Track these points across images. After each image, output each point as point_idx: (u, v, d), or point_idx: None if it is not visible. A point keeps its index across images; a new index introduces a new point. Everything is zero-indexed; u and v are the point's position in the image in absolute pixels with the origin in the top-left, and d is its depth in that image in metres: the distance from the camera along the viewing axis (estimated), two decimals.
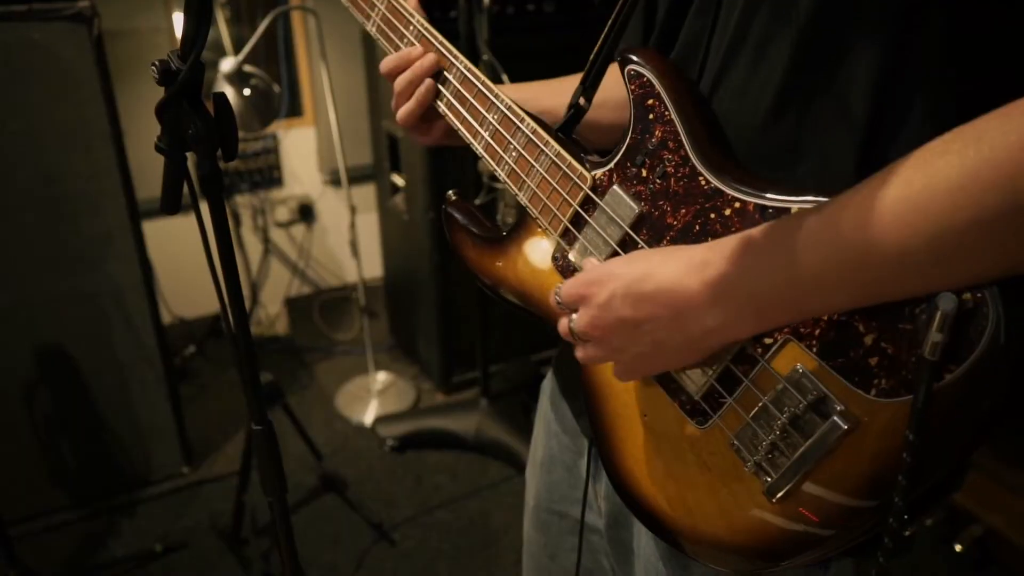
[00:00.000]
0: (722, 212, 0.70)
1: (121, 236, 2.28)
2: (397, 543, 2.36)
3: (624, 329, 0.69)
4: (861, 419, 0.61)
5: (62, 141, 2.13)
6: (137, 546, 2.32)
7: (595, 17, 2.80)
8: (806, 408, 0.64)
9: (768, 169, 0.71)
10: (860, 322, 0.60)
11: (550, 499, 1.08)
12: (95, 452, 2.45)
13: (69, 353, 2.32)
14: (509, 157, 0.89)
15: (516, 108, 0.88)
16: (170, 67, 0.79)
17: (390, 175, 3.05)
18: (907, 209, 0.53)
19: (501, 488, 2.60)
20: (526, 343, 3.14)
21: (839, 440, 0.62)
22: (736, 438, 0.70)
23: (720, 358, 0.70)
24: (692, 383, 0.73)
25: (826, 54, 0.65)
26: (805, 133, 0.68)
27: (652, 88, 0.75)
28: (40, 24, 1.99)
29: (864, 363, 0.61)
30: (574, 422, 1.02)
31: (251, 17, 3.14)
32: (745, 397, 0.69)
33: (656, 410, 0.78)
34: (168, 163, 0.88)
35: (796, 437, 0.65)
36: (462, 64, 0.94)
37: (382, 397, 3.03)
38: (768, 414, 0.67)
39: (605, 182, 0.80)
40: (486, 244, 0.96)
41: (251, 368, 0.92)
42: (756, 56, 0.70)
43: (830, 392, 0.63)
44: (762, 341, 0.67)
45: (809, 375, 0.64)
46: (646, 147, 0.76)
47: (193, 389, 3.08)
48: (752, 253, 0.62)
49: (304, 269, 3.63)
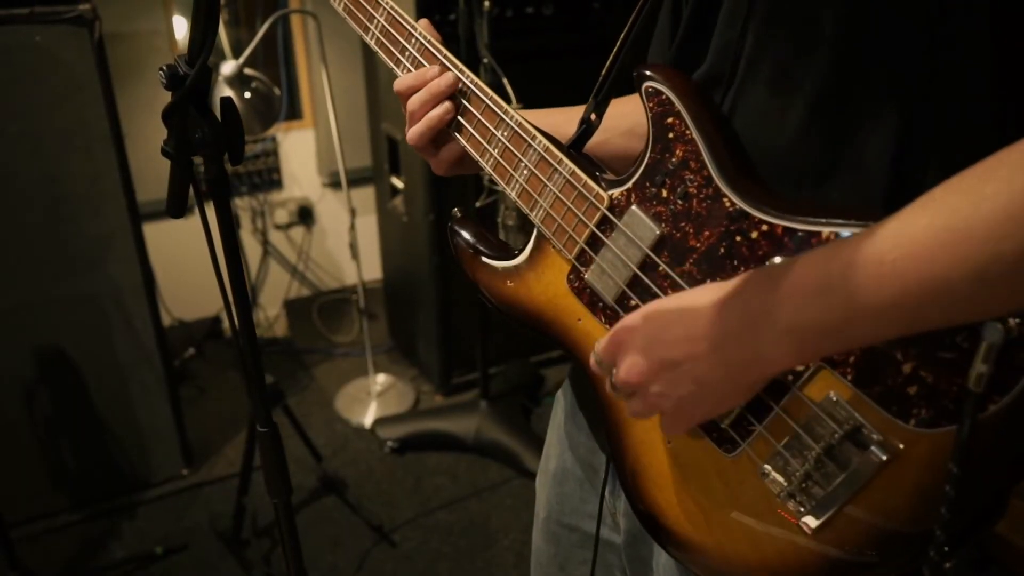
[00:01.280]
0: (748, 235, 0.68)
1: (121, 238, 2.29)
2: (397, 544, 2.37)
3: (663, 372, 0.66)
4: (900, 450, 0.60)
5: (63, 143, 2.14)
6: (137, 548, 2.32)
7: (594, 21, 2.81)
8: (842, 438, 0.63)
9: (795, 189, 0.69)
10: (897, 350, 0.59)
11: (561, 512, 1.07)
12: (95, 454, 2.45)
13: (69, 355, 2.32)
14: (520, 176, 0.86)
15: (526, 124, 0.85)
16: (177, 72, 0.80)
17: (389, 177, 3.05)
18: (954, 238, 0.52)
19: (501, 490, 2.61)
20: (525, 345, 3.14)
21: (877, 471, 0.61)
22: (766, 467, 0.69)
23: None
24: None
25: (859, 70, 0.64)
26: (835, 152, 0.67)
27: (671, 106, 0.73)
28: (42, 27, 1.99)
29: (902, 392, 0.59)
30: (590, 437, 1.00)
31: (250, 20, 3.15)
32: (775, 425, 0.68)
33: (681, 437, 0.76)
34: (174, 167, 0.88)
35: (831, 467, 0.64)
36: (468, 79, 0.90)
37: (382, 399, 3.03)
38: (801, 443, 0.66)
39: (623, 202, 0.77)
40: (496, 264, 0.94)
41: (257, 371, 0.93)
42: (783, 72, 0.68)
43: (867, 421, 0.61)
44: (793, 368, 0.65)
45: (844, 403, 0.62)
46: (666, 167, 0.74)
47: (193, 391, 3.08)
48: (791, 284, 0.59)
49: (303, 271, 3.63)
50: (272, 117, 2.64)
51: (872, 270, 0.55)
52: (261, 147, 3.30)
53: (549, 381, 3.17)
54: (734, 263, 0.69)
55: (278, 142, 3.34)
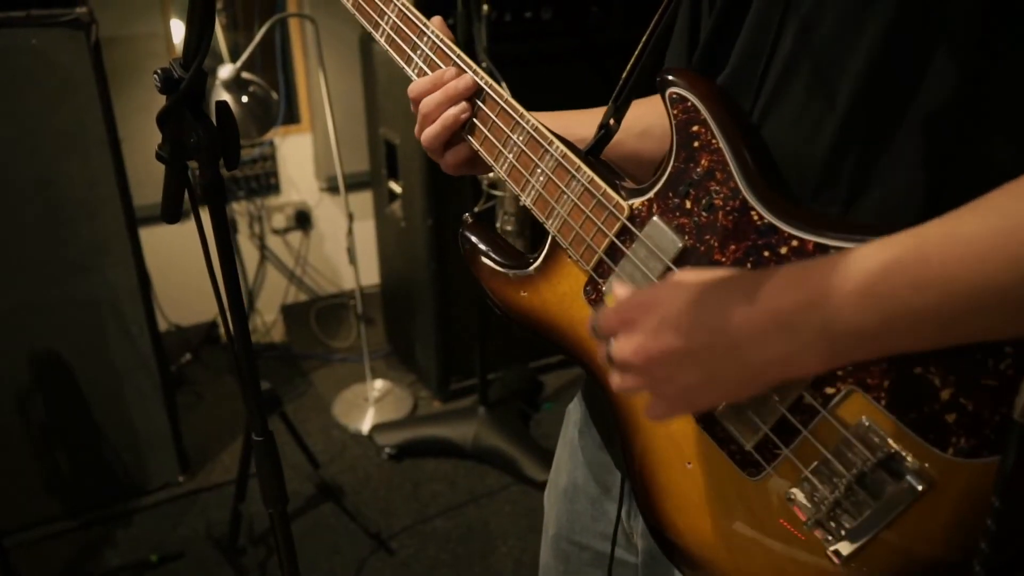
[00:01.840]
0: (777, 250, 0.65)
1: (118, 243, 2.27)
2: (395, 552, 2.35)
3: (674, 359, 0.63)
4: (937, 480, 0.57)
5: (59, 147, 2.12)
6: (133, 556, 2.30)
7: (592, 25, 2.80)
8: (875, 465, 0.60)
9: (826, 203, 0.67)
10: (936, 375, 0.56)
11: (571, 529, 1.04)
12: (90, 461, 2.43)
13: (64, 360, 2.31)
14: (536, 182, 0.83)
15: (543, 129, 0.82)
16: (172, 75, 0.79)
17: (387, 182, 3.04)
18: (1008, 241, 0.49)
19: (500, 496, 2.59)
20: (524, 350, 3.13)
21: (912, 501, 0.59)
22: (793, 492, 0.66)
23: (774, 408, 0.65)
24: (744, 432, 0.68)
25: (902, 72, 0.61)
26: (872, 163, 0.64)
27: (697, 113, 0.70)
28: (38, 30, 1.98)
29: (940, 419, 0.56)
30: (603, 454, 0.97)
31: (248, 24, 3.13)
32: (803, 449, 0.65)
33: (702, 459, 0.73)
34: (169, 172, 0.87)
35: (863, 496, 0.61)
36: (483, 81, 0.87)
37: (379, 405, 3.01)
38: (830, 469, 0.63)
39: (644, 213, 0.74)
40: (509, 272, 0.90)
41: (252, 379, 0.91)
42: (818, 77, 0.65)
43: (901, 449, 0.59)
44: (823, 391, 0.62)
45: (877, 429, 0.60)
46: (690, 177, 0.71)
47: (189, 397, 3.06)
48: (830, 283, 0.56)
49: (301, 276, 3.62)
50: (269, 121, 2.63)
51: (918, 271, 0.53)
52: (259, 151, 3.28)
53: (548, 387, 3.15)
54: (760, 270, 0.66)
55: (276, 146, 3.33)
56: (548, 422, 2.93)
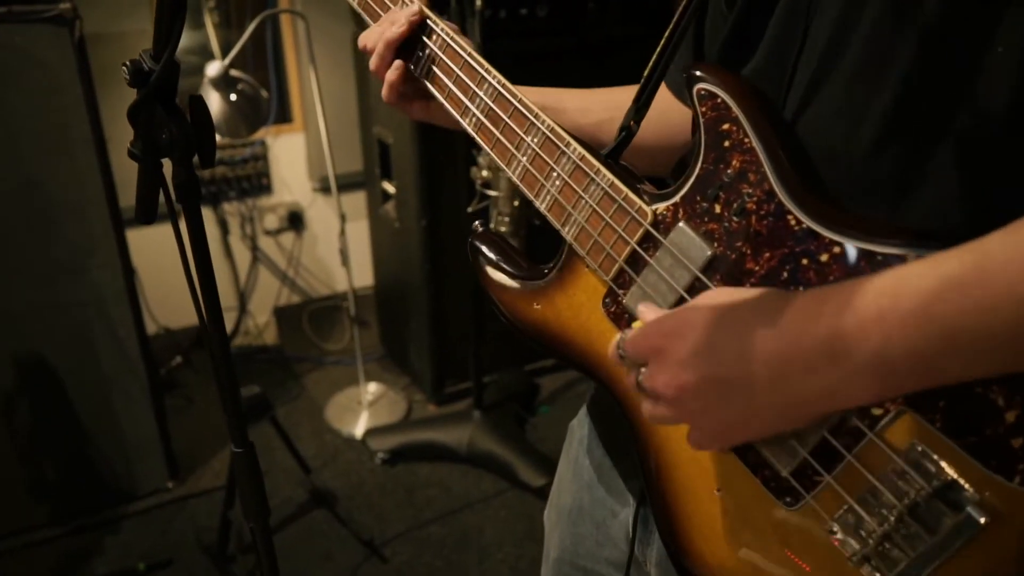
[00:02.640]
0: (817, 257, 0.60)
1: (104, 244, 2.23)
2: (388, 559, 2.31)
3: (710, 390, 0.58)
4: (1002, 512, 0.52)
5: (44, 146, 2.08)
6: (120, 563, 2.26)
7: (588, 22, 2.76)
8: (929, 496, 0.54)
9: (867, 207, 0.61)
10: (999, 393, 0.51)
11: (575, 553, 0.99)
12: (77, 467, 2.39)
13: (50, 364, 2.27)
14: (552, 187, 0.78)
15: (559, 130, 0.78)
16: (142, 67, 0.74)
17: (381, 182, 3.00)
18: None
19: (495, 501, 2.55)
20: (520, 353, 3.08)
21: (973, 536, 0.53)
22: (835, 524, 0.60)
23: (815, 428, 0.60)
24: (780, 457, 0.63)
25: (956, 62, 0.56)
26: (919, 164, 0.59)
27: (728, 111, 0.65)
28: (20, 26, 1.94)
29: (1005, 443, 0.51)
30: (612, 476, 0.92)
31: (240, 22, 3.09)
32: (847, 476, 0.59)
33: (733, 485, 0.67)
34: (142, 170, 0.83)
35: (916, 529, 0.55)
36: (495, 80, 0.84)
37: (373, 408, 2.97)
38: (878, 499, 0.57)
39: (669, 218, 0.69)
40: (522, 284, 0.85)
41: (231, 387, 0.87)
42: (861, 69, 0.60)
43: (960, 477, 0.53)
44: (870, 411, 0.57)
45: (931, 455, 0.54)
46: (720, 179, 0.66)
47: (179, 401, 3.02)
48: (880, 307, 0.52)
49: (293, 278, 3.58)
50: (259, 120, 2.59)
51: (979, 291, 0.48)
52: (250, 151, 3.24)
53: (544, 390, 3.12)
54: (799, 290, 0.60)
55: (268, 146, 3.29)
56: (544, 426, 2.89)
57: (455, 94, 0.89)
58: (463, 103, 0.88)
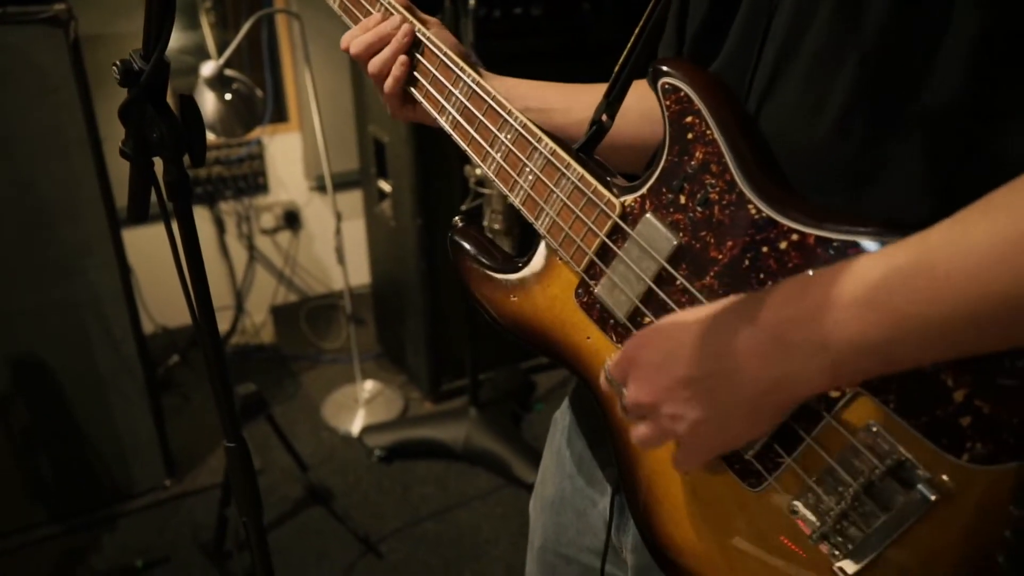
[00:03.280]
0: (776, 245, 0.62)
1: (100, 244, 2.24)
2: (384, 556, 2.32)
3: (680, 390, 0.61)
4: (952, 489, 0.54)
5: (39, 147, 2.09)
6: (118, 561, 2.27)
7: (583, 22, 2.77)
8: (883, 474, 0.57)
9: (825, 195, 0.63)
10: (949, 375, 0.53)
11: (557, 542, 1.01)
12: (75, 465, 2.40)
13: (48, 364, 2.27)
14: (525, 182, 0.81)
15: (532, 126, 0.80)
16: (132, 67, 0.76)
17: (377, 181, 3.01)
18: (1018, 250, 0.47)
19: (491, 499, 2.56)
20: (516, 351, 3.09)
21: (925, 512, 0.55)
22: (796, 503, 0.63)
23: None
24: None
25: (908, 54, 0.57)
26: (874, 152, 0.60)
27: (691, 104, 0.67)
28: (15, 27, 1.95)
29: (954, 423, 0.53)
30: (591, 465, 0.94)
31: (236, 22, 3.10)
32: (807, 457, 0.61)
33: (699, 468, 0.70)
34: (134, 169, 0.84)
35: (871, 506, 0.58)
36: (470, 78, 0.86)
37: (369, 406, 2.98)
38: (836, 478, 0.60)
39: (636, 210, 0.71)
40: (499, 277, 0.87)
41: (223, 380, 0.89)
42: (818, 61, 0.62)
43: (912, 456, 0.55)
44: (827, 394, 0.59)
45: (885, 435, 0.56)
46: (684, 171, 0.68)
47: (176, 400, 3.03)
48: (830, 295, 0.54)
49: (290, 276, 3.59)
50: (254, 119, 2.59)
51: (924, 283, 0.50)
52: (246, 150, 3.25)
53: (540, 387, 3.13)
54: (760, 276, 0.63)
55: (264, 145, 3.30)
56: (540, 423, 2.90)
57: (432, 94, 0.91)
58: (439, 102, 0.90)
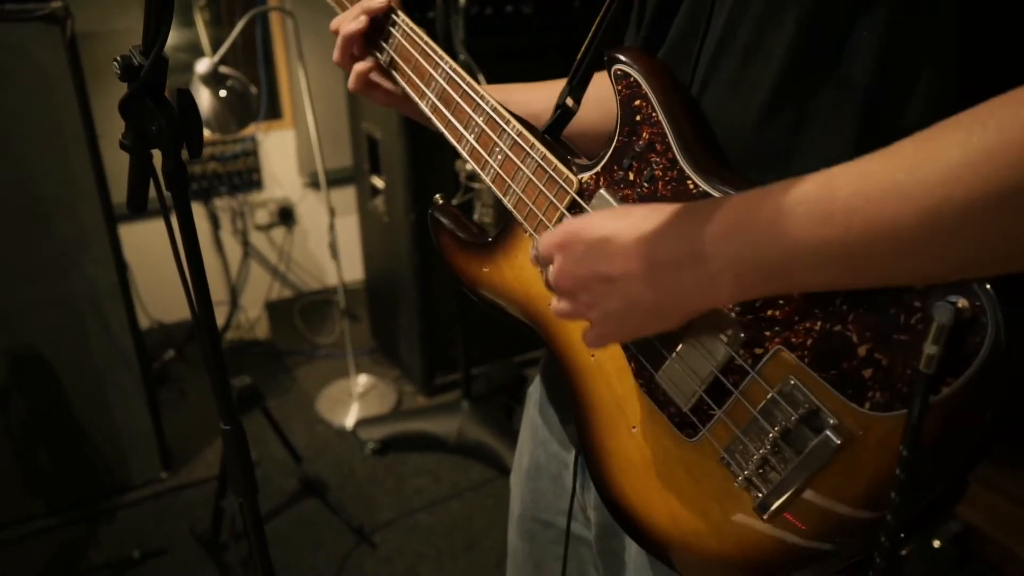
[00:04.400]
0: None
1: (97, 239, 2.26)
2: (378, 546, 2.35)
3: (597, 283, 0.66)
4: (855, 433, 0.59)
5: (36, 144, 2.11)
6: (115, 553, 2.30)
7: (574, 19, 2.80)
8: (798, 422, 0.62)
9: (761, 170, 0.68)
10: (854, 332, 0.58)
11: (535, 508, 1.06)
12: (72, 458, 2.42)
13: (44, 358, 2.30)
14: (495, 160, 0.87)
15: (502, 109, 0.86)
16: (132, 63, 0.78)
17: (370, 177, 3.04)
18: (907, 180, 0.51)
19: (483, 490, 2.59)
20: (508, 345, 3.13)
21: (832, 455, 0.60)
22: (726, 452, 0.68)
23: (708, 369, 0.68)
24: (681, 394, 0.71)
25: (827, 43, 0.62)
26: (801, 130, 0.66)
27: (639, 89, 0.73)
28: (12, 25, 1.97)
29: (858, 375, 0.58)
30: (561, 431, 1.00)
31: (231, 20, 3.12)
32: (735, 410, 0.67)
33: (645, 422, 0.76)
34: (133, 161, 0.87)
35: (788, 452, 0.63)
36: (447, 65, 0.91)
37: (363, 400, 3.01)
38: (759, 428, 0.65)
39: (592, 186, 0.78)
40: (472, 249, 0.94)
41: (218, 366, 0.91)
42: (750, 48, 0.67)
43: (823, 405, 0.61)
44: (752, 351, 0.65)
45: (801, 387, 0.62)
46: (633, 150, 0.74)
47: (172, 394, 3.05)
48: (738, 217, 0.59)
49: (284, 272, 3.61)
50: (248, 116, 2.62)
51: (821, 206, 0.54)
52: (241, 147, 3.27)
53: (531, 381, 3.14)
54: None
55: (258, 142, 3.32)
56: None
57: (413, 80, 0.96)
58: (420, 87, 0.96)
